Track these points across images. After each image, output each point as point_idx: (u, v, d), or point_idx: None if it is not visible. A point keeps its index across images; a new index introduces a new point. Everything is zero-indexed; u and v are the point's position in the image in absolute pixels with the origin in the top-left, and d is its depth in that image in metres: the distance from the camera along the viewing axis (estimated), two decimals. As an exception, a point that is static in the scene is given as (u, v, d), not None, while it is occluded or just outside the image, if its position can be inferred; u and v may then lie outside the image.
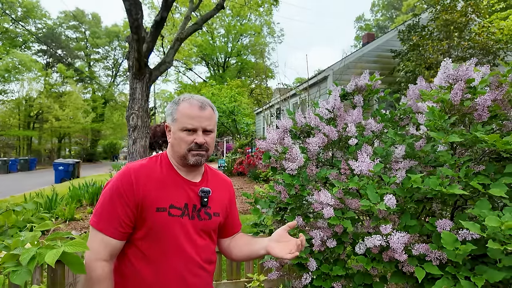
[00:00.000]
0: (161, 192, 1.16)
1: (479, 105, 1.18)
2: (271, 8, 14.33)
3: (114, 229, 1.11)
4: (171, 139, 1.25)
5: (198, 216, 1.23)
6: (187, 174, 1.26)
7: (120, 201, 1.11)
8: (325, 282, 1.28)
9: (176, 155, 1.24)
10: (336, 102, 1.46)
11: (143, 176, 1.16)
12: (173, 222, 1.15)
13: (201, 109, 1.23)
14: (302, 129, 1.60)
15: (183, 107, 1.23)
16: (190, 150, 1.20)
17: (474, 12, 8.43)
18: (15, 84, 32.11)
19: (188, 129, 1.20)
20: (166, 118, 1.28)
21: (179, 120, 1.21)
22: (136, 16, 5.39)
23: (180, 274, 1.16)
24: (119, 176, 1.15)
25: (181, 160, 1.24)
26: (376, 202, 1.12)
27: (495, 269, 1.00)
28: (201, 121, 1.22)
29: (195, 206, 1.23)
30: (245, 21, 37.34)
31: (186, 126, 1.20)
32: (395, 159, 1.38)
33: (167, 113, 1.27)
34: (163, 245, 1.15)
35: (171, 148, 1.26)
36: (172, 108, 1.26)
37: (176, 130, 1.22)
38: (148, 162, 1.23)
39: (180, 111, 1.22)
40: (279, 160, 1.49)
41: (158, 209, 1.14)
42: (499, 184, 1.06)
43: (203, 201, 1.25)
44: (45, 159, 32.55)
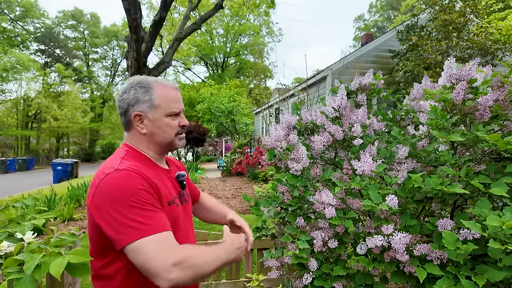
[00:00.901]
0: (163, 186, 1.11)
1: (481, 105, 1.18)
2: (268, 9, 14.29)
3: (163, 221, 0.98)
4: (149, 128, 1.13)
5: (185, 201, 1.24)
6: (161, 163, 1.21)
7: (150, 198, 0.99)
8: (325, 282, 1.28)
9: (159, 144, 1.16)
10: (342, 101, 1.46)
11: (146, 174, 1.05)
12: (180, 212, 1.15)
13: (177, 90, 1.20)
14: (306, 126, 1.59)
15: (163, 91, 1.15)
16: (177, 135, 1.17)
17: (472, 12, 8.45)
18: (13, 83, 32.03)
19: (175, 113, 1.15)
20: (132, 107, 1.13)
21: (163, 106, 1.13)
22: (135, 16, 5.38)
23: None
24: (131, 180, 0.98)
25: (165, 148, 1.18)
26: (378, 203, 1.12)
27: (495, 269, 1.00)
28: (181, 103, 1.21)
29: (180, 192, 1.22)
30: (244, 21, 37.34)
31: (173, 110, 1.15)
32: (398, 160, 1.38)
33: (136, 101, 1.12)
34: (179, 236, 1.09)
35: (149, 138, 1.14)
36: (145, 93, 1.13)
37: (160, 116, 1.12)
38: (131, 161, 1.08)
39: (161, 95, 1.13)
40: (284, 159, 1.48)
41: (169, 203, 1.10)
42: (500, 184, 1.07)
43: (183, 185, 1.24)
44: (43, 159, 32.45)
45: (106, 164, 1.07)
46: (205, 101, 21.80)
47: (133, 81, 1.16)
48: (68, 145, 38.98)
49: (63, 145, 37.96)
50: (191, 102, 31.17)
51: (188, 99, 32.43)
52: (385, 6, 41.90)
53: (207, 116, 22.75)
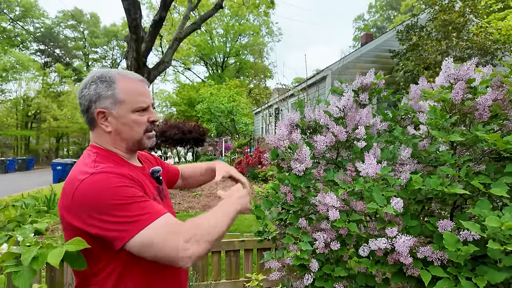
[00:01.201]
0: (143, 187, 1.03)
1: (480, 104, 1.18)
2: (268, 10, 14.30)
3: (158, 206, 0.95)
4: (114, 125, 1.03)
5: (164, 197, 1.19)
6: (133, 161, 1.13)
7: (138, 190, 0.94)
8: (326, 283, 1.28)
9: (127, 142, 1.07)
10: (348, 101, 1.45)
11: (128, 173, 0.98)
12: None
13: (143, 83, 1.09)
14: (309, 125, 1.59)
15: (127, 84, 1.04)
16: (146, 132, 1.08)
17: (472, 12, 8.46)
18: (13, 83, 32.05)
19: (143, 109, 1.05)
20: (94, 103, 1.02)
21: (128, 101, 1.02)
22: (134, 16, 5.38)
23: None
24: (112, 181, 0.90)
25: (133, 147, 1.09)
26: (383, 205, 1.11)
27: (495, 270, 1.00)
28: (149, 97, 1.10)
29: (159, 188, 1.17)
30: (243, 21, 37.35)
31: (140, 105, 1.04)
32: (400, 161, 1.37)
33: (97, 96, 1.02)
34: None
35: (115, 136, 1.05)
36: (107, 88, 1.02)
37: (125, 113, 1.03)
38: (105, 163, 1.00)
39: (126, 89, 1.03)
40: (287, 160, 1.47)
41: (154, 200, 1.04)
42: (500, 184, 1.06)
43: (160, 180, 1.19)
44: (43, 159, 32.47)
45: (77, 169, 0.97)
46: (205, 101, 21.81)
47: (94, 74, 1.05)
48: (68, 145, 38.99)
49: (62, 145, 37.99)
50: (191, 102, 31.19)
51: (188, 99, 32.44)
52: (385, 6, 41.92)
53: (207, 116, 22.76)
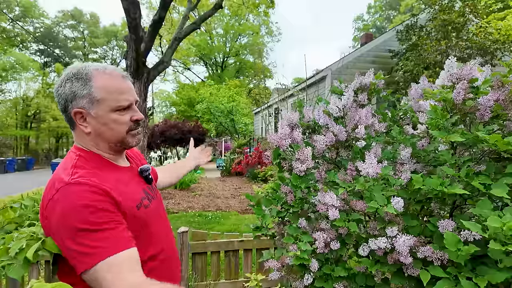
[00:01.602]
0: (127, 190, 0.99)
1: (481, 105, 1.17)
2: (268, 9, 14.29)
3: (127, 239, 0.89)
4: (93, 126, 0.97)
5: (153, 197, 1.15)
6: (119, 161, 1.08)
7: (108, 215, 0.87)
8: (326, 283, 1.28)
9: (108, 143, 1.01)
10: (349, 101, 1.45)
11: (105, 183, 0.92)
12: (150, 213, 1.05)
13: (125, 78, 1.02)
14: (308, 125, 1.59)
15: (105, 81, 0.97)
16: (129, 131, 1.01)
17: (471, 12, 8.46)
18: (13, 83, 32.02)
19: (124, 107, 0.98)
20: (71, 103, 0.96)
21: (107, 99, 0.95)
22: (134, 16, 5.38)
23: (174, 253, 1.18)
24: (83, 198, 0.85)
25: (117, 147, 1.03)
26: (383, 205, 1.11)
27: (496, 270, 1.00)
28: (132, 93, 1.02)
29: (147, 188, 1.13)
30: (243, 21, 37.35)
31: (120, 104, 0.97)
32: (400, 161, 1.37)
33: (73, 96, 0.95)
34: (151, 238, 1.04)
35: (95, 138, 0.99)
36: (82, 87, 0.95)
37: (104, 112, 0.96)
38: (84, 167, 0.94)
39: (104, 87, 0.96)
40: (288, 160, 1.47)
41: (138, 207, 0.99)
42: (501, 184, 1.06)
43: (149, 179, 1.15)
44: (42, 159, 32.42)
45: (57, 173, 0.94)
46: (204, 101, 21.82)
47: (70, 71, 0.98)
48: (68, 145, 38.94)
49: (62, 145, 37.97)
50: (191, 102, 31.18)
51: (188, 99, 32.43)
52: (384, 6, 41.94)
53: (207, 116, 22.77)
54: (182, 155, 21.18)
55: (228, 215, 6.71)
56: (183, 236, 2.67)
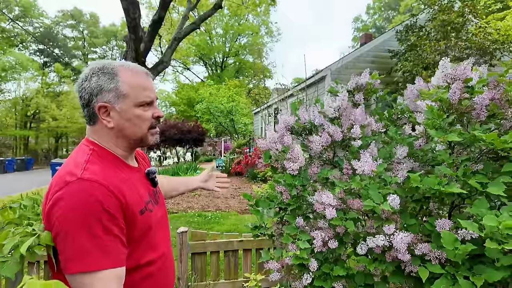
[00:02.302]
0: (134, 192, 0.98)
1: (477, 104, 1.18)
2: (269, 8, 14.36)
3: (123, 255, 0.88)
4: (117, 121, 0.98)
5: (158, 198, 1.15)
6: (130, 161, 1.08)
7: (113, 222, 0.86)
8: (325, 282, 1.28)
9: (129, 140, 1.01)
10: (343, 102, 1.45)
11: (114, 182, 0.91)
12: (153, 217, 1.04)
13: (148, 76, 1.05)
14: (304, 127, 1.60)
15: (131, 77, 0.99)
16: (150, 128, 1.03)
17: (471, 12, 8.47)
18: (12, 83, 32.00)
19: (146, 103, 1.01)
20: (96, 97, 0.97)
21: (132, 95, 0.97)
22: (133, 16, 5.38)
23: (171, 257, 1.17)
24: (92, 194, 0.84)
25: (135, 144, 1.04)
26: (379, 203, 1.12)
27: (493, 269, 1.00)
28: (154, 91, 1.05)
29: (153, 191, 1.12)
30: (243, 21, 37.36)
31: (144, 100, 1.00)
32: (397, 160, 1.38)
33: (99, 90, 0.96)
34: (152, 243, 1.04)
35: (117, 133, 1.00)
36: (109, 81, 0.97)
37: (129, 107, 0.97)
38: (97, 164, 0.93)
39: (129, 83, 0.98)
40: (280, 160, 1.48)
41: (141, 212, 0.98)
42: (497, 183, 1.07)
43: (155, 182, 1.14)
44: (42, 159, 32.41)
45: (68, 166, 0.92)
46: (204, 101, 21.81)
47: (95, 66, 0.99)
48: (67, 145, 38.93)
49: (62, 145, 37.97)
50: (190, 102, 31.21)
51: (187, 99, 32.46)
52: (383, 7, 41.97)
53: (206, 116, 22.77)
54: (182, 155, 21.18)
55: (227, 215, 6.71)
56: (182, 236, 2.67)
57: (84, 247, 0.81)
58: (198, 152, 23.79)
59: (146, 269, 1.00)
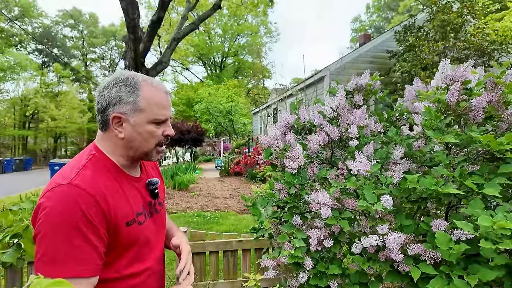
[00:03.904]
0: (124, 203, 0.97)
1: (475, 106, 1.19)
2: (266, 9, 14.33)
3: (96, 265, 0.87)
4: (128, 133, 0.99)
5: (155, 211, 1.12)
6: (131, 170, 1.07)
7: (91, 229, 0.85)
8: (321, 281, 1.29)
9: (135, 152, 1.02)
10: (341, 101, 1.47)
11: (101, 191, 0.90)
12: (142, 230, 1.02)
13: (167, 94, 1.05)
14: (304, 126, 1.61)
15: (151, 93, 0.99)
16: (157, 145, 1.03)
17: (469, 13, 8.49)
18: (11, 83, 31.94)
19: (161, 121, 1.01)
20: (113, 106, 0.98)
21: (148, 110, 0.98)
22: (132, 16, 5.39)
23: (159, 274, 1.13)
24: (73, 200, 0.84)
25: (139, 158, 1.04)
26: (373, 203, 1.13)
27: (487, 268, 1.02)
28: (169, 109, 1.06)
29: (150, 203, 1.10)
30: (242, 21, 37.37)
31: (158, 117, 1.00)
32: (394, 161, 1.39)
33: (118, 100, 0.97)
34: (140, 257, 1.02)
35: (126, 144, 1.00)
36: (130, 94, 0.97)
37: (142, 122, 0.98)
38: (91, 170, 0.94)
39: (148, 99, 0.98)
40: (280, 158, 1.49)
41: (128, 223, 0.96)
42: (493, 184, 1.08)
43: (155, 194, 1.12)
44: (41, 159, 32.36)
45: (67, 167, 0.95)
46: (203, 101, 21.82)
47: (119, 76, 1.00)
48: (66, 145, 38.90)
49: (60, 145, 37.92)
50: (189, 102, 31.19)
51: (186, 99, 32.43)
52: (382, 7, 42.02)
53: (205, 116, 22.76)
54: (181, 155, 21.18)
55: (226, 215, 6.72)
56: (181, 236, 2.67)
57: (57, 252, 0.81)
58: (197, 152, 23.79)
59: (129, 281, 0.99)
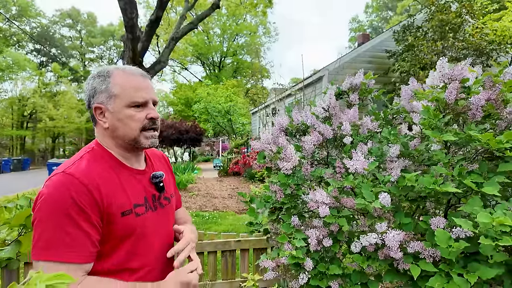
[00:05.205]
0: (120, 194, 0.97)
1: (473, 104, 1.19)
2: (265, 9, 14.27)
3: (89, 253, 0.88)
4: (110, 121, 1.00)
5: (160, 205, 1.10)
6: (132, 162, 1.07)
7: (82, 217, 0.87)
8: (321, 282, 1.29)
9: (123, 140, 1.02)
10: (331, 100, 1.47)
11: (94, 180, 0.92)
12: (141, 222, 1.00)
13: (144, 77, 1.05)
14: (298, 128, 1.61)
15: (123, 78, 1.01)
16: (143, 130, 1.02)
17: (468, 13, 8.50)
18: (9, 83, 31.82)
19: (138, 104, 1.00)
20: (92, 98, 1.01)
21: (123, 95, 0.99)
22: (131, 15, 5.37)
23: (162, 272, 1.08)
24: (66, 188, 0.87)
25: (129, 145, 1.03)
26: (371, 201, 1.13)
27: (487, 266, 1.01)
28: (149, 92, 1.04)
29: (154, 196, 1.09)
30: (240, 21, 37.34)
31: (135, 100, 0.99)
32: (389, 159, 1.39)
33: (94, 91, 1.01)
34: (137, 250, 1.00)
35: (112, 133, 1.01)
36: (102, 82, 1.00)
37: (120, 107, 0.99)
38: (88, 161, 0.96)
39: (120, 84, 1.00)
40: (274, 160, 1.49)
41: (124, 214, 0.96)
42: (492, 183, 1.08)
43: (160, 187, 1.11)
44: (38, 159, 32.28)
45: (66, 161, 0.99)
46: (202, 101, 21.78)
47: (95, 70, 1.04)
48: (64, 145, 38.81)
49: (59, 145, 37.81)
50: (188, 102, 31.13)
51: (185, 99, 32.37)
52: (381, 7, 42.07)
53: (204, 116, 22.72)
54: (180, 155, 21.15)
55: (225, 215, 6.71)
56: (179, 235, 2.66)
57: (50, 238, 0.84)
58: (196, 152, 23.76)
59: (126, 275, 0.98)
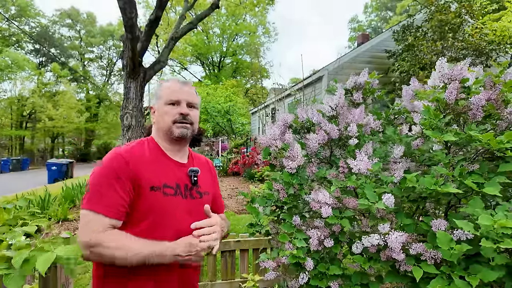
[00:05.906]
0: (153, 172, 1.16)
1: (474, 104, 1.19)
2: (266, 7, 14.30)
3: (117, 210, 1.08)
4: (156, 117, 1.27)
5: (190, 195, 1.24)
6: (174, 154, 1.27)
7: (118, 182, 1.08)
8: (321, 282, 1.28)
9: (162, 132, 1.25)
10: (340, 100, 1.46)
11: (134, 157, 1.14)
12: (168, 201, 1.15)
13: (183, 84, 1.30)
14: (303, 125, 1.60)
15: (166, 84, 1.29)
16: (175, 122, 1.23)
17: (467, 13, 8.50)
18: (8, 83, 31.75)
19: (172, 102, 1.24)
20: (152, 102, 1.32)
21: (163, 96, 1.25)
22: (130, 15, 5.36)
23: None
24: (110, 160, 1.12)
25: (167, 136, 1.25)
26: (374, 201, 1.12)
27: (488, 268, 1.01)
28: (183, 94, 1.26)
29: (187, 186, 1.24)
30: (240, 20, 37.29)
31: (170, 98, 1.24)
32: (393, 159, 1.38)
33: (153, 97, 1.32)
34: (159, 225, 1.13)
35: (156, 126, 1.27)
36: (156, 90, 1.31)
37: (161, 105, 1.25)
38: (136, 145, 1.21)
39: (163, 89, 1.28)
40: (279, 158, 1.48)
41: (153, 188, 1.13)
42: (493, 183, 1.07)
43: (193, 180, 1.26)
44: (38, 159, 32.21)
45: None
46: (201, 100, 21.74)
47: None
48: (63, 145, 38.75)
49: (58, 145, 37.73)
50: (188, 102, 31.01)
51: (185, 98, 32.24)
52: (381, 7, 42.07)
53: (204, 116, 22.69)
54: (179, 155, 21.06)
55: (224, 215, 6.70)
56: (179, 236, 2.65)
57: (94, 194, 1.08)
58: (195, 151, 23.68)
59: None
